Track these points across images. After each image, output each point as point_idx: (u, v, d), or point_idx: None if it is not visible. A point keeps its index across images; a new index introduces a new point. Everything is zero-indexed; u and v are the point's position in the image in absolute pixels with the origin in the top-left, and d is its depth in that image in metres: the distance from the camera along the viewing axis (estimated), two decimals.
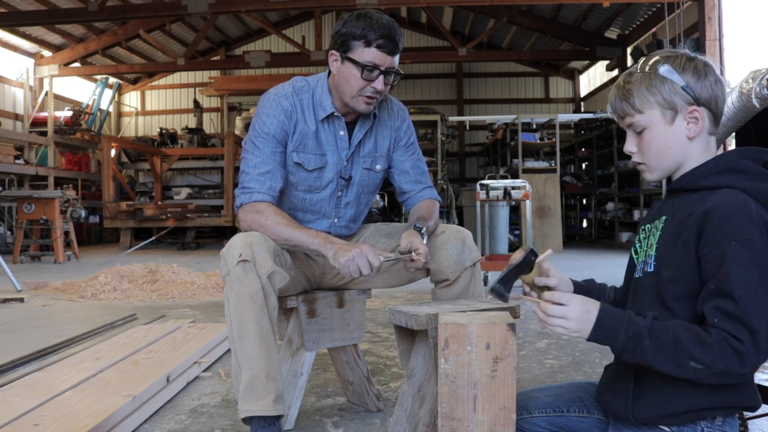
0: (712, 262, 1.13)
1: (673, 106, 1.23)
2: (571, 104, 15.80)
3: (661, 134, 1.25)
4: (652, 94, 1.24)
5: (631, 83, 1.26)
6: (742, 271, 1.09)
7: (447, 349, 1.25)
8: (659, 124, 1.24)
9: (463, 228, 1.97)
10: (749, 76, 2.21)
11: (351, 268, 1.72)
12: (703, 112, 1.23)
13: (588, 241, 12.54)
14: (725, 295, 1.10)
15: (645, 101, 1.24)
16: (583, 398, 1.37)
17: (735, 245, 1.11)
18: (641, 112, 1.25)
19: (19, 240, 8.60)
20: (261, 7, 10.47)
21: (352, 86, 1.87)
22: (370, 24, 1.82)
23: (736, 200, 1.15)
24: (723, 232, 1.13)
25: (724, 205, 1.15)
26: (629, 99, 1.26)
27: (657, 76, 1.24)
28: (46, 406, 1.98)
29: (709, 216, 1.15)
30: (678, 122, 1.24)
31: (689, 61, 1.24)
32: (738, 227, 1.12)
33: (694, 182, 1.23)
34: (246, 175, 1.92)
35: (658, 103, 1.24)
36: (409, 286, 2.32)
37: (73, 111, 12.81)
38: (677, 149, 1.25)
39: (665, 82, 1.23)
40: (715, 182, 1.21)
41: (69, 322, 4.00)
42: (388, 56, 1.84)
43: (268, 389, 1.71)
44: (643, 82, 1.25)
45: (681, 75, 1.23)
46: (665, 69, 1.24)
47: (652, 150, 1.26)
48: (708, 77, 1.23)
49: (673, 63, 1.24)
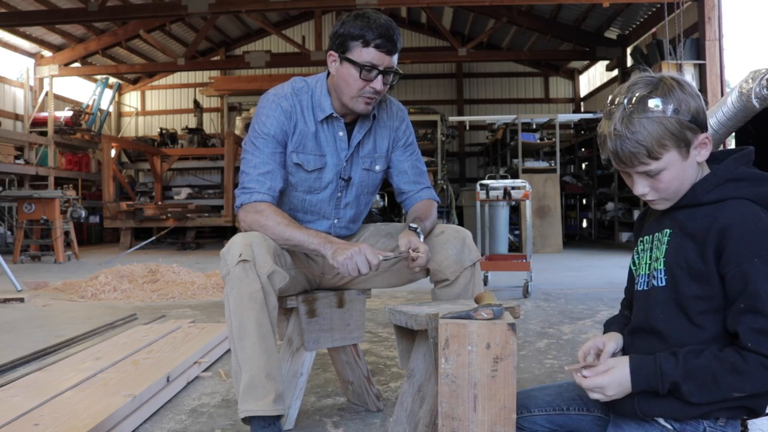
0: (736, 281, 1.14)
1: (686, 141, 1.20)
2: (571, 104, 15.79)
3: (680, 170, 1.22)
4: (665, 137, 1.18)
5: (635, 131, 1.18)
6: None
7: (447, 349, 1.25)
8: (677, 162, 1.21)
9: (462, 228, 1.97)
10: (749, 76, 2.22)
11: (349, 266, 1.72)
12: (706, 132, 1.23)
13: (588, 241, 12.53)
14: (757, 313, 1.11)
15: (661, 146, 1.19)
16: (583, 396, 1.37)
17: (757, 262, 1.12)
18: (658, 159, 1.20)
19: (20, 240, 8.60)
20: (261, 7, 10.47)
21: (351, 87, 1.87)
22: (367, 24, 1.82)
23: (749, 214, 1.16)
24: (744, 250, 1.14)
25: (739, 221, 1.15)
26: (640, 149, 1.19)
27: (663, 117, 1.18)
28: (46, 406, 1.98)
29: (727, 234, 1.16)
30: (691, 152, 1.22)
31: (672, 87, 1.20)
32: (757, 243, 1.13)
33: (697, 198, 1.23)
34: (246, 176, 1.92)
35: (674, 145, 1.20)
36: (409, 286, 2.32)
37: (74, 111, 12.80)
38: (692, 178, 1.24)
39: (671, 121, 1.18)
40: (718, 195, 1.21)
41: (69, 322, 4.00)
42: (386, 56, 1.84)
43: (268, 389, 1.71)
44: (650, 128, 1.18)
45: (680, 106, 1.19)
46: (668, 107, 1.19)
47: (671, 188, 1.23)
48: (693, 96, 1.21)
49: (667, 97, 1.19)
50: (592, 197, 12.51)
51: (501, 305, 1.32)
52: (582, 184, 12.81)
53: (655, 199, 1.26)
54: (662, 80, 1.21)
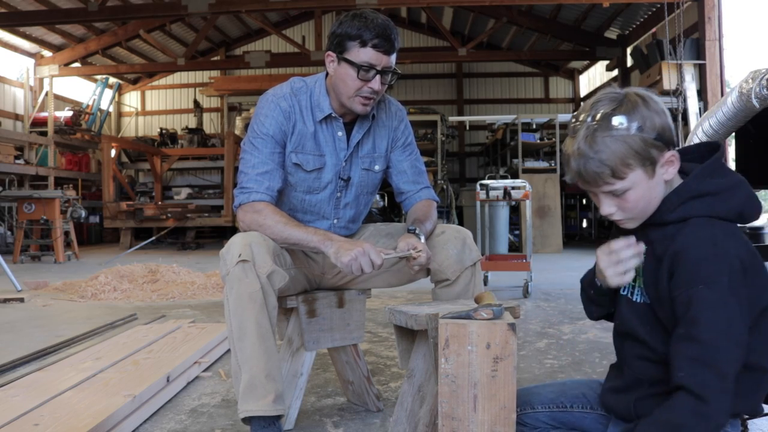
0: (681, 305, 1.13)
1: (652, 159, 1.18)
2: (571, 104, 15.79)
3: (646, 190, 1.19)
4: (629, 156, 1.16)
5: (599, 150, 1.16)
6: (710, 314, 1.09)
7: (447, 349, 1.25)
8: (643, 181, 1.19)
9: (463, 228, 1.97)
10: (749, 76, 2.21)
11: (354, 267, 1.72)
12: (673, 150, 1.20)
13: (588, 241, 12.53)
14: (692, 340, 1.09)
15: (625, 165, 1.16)
16: (586, 394, 1.37)
17: (702, 288, 1.10)
18: (622, 178, 1.18)
19: (20, 240, 8.60)
20: (261, 7, 10.46)
21: (349, 87, 1.87)
22: (365, 24, 1.81)
23: (704, 238, 1.14)
24: (691, 275, 1.12)
25: (692, 246, 1.14)
26: (603, 168, 1.17)
27: (627, 136, 1.15)
28: (46, 406, 1.98)
29: (678, 258, 1.14)
30: (657, 172, 1.19)
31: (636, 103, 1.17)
32: (705, 269, 1.11)
33: (662, 218, 1.21)
34: (244, 176, 1.92)
35: (639, 164, 1.17)
36: (409, 286, 2.32)
37: (74, 111, 12.79)
38: (660, 195, 1.22)
39: (635, 140, 1.15)
40: (681, 214, 1.19)
41: (69, 322, 4.00)
42: (384, 56, 1.83)
43: (268, 389, 1.71)
44: (613, 147, 1.16)
45: (643, 122, 1.16)
46: (632, 124, 1.16)
47: (638, 207, 1.21)
48: (659, 112, 1.18)
49: (631, 114, 1.16)
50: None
51: (501, 305, 1.31)
52: None
53: (622, 219, 1.24)
54: (627, 96, 1.18)
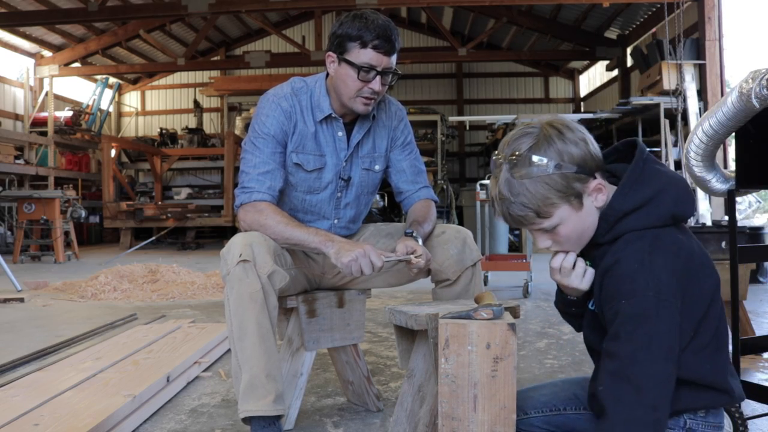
0: (608, 320, 1.15)
1: (575, 193, 1.16)
2: (571, 104, 15.78)
3: (577, 222, 1.19)
4: (550, 195, 1.15)
5: (518, 193, 1.15)
6: (630, 328, 1.09)
7: (447, 349, 1.25)
8: (571, 215, 1.18)
9: (463, 228, 1.97)
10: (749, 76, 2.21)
11: (354, 268, 1.72)
12: (599, 176, 1.19)
13: None
14: (612, 355, 1.11)
15: (548, 205, 1.15)
16: (578, 395, 1.37)
17: (624, 303, 1.11)
18: (549, 217, 1.17)
19: (20, 240, 8.60)
20: (261, 7, 10.46)
21: (350, 87, 1.87)
22: (365, 25, 1.81)
23: (629, 254, 1.14)
24: (616, 290, 1.13)
25: (619, 261, 1.14)
26: (527, 211, 1.16)
27: (545, 175, 1.14)
28: (46, 406, 1.98)
29: (607, 273, 1.16)
30: (586, 202, 1.19)
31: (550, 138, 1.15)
32: (629, 284, 1.11)
33: (596, 240, 1.22)
34: (246, 175, 1.92)
35: (562, 200, 1.16)
36: (409, 286, 2.32)
37: (74, 111, 12.80)
38: (593, 222, 1.21)
39: (555, 177, 1.14)
40: (613, 235, 1.19)
41: (69, 322, 4.00)
42: (384, 57, 1.83)
43: (269, 389, 1.71)
44: (532, 186, 1.14)
45: (560, 157, 1.14)
46: (544, 161, 1.14)
47: (572, 239, 1.21)
48: (577, 142, 1.16)
49: (546, 150, 1.14)
50: None
51: (501, 305, 1.31)
52: None
53: (560, 250, 1.24)
54: (542, 131, 1.16)
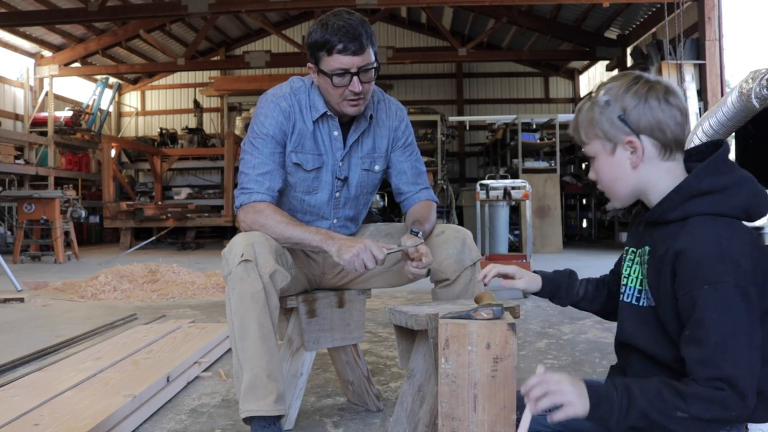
0: (686, 307, 1.11)
1: (611, 138, 1.21)
2: (571, 104, 15.77)
3: (606, 165, 1.24)
4: (592, 125, 1.23)
5: (580, 113, 1.26)
6: (715, 315, 1.07)
7: (447, 349, 1.25)
8: (602, 155, 1.24)
9: (463, 228, 1.97)
10: (749, 76, 2.21)
11: (356, 264, 1.72)
12: (644, 140, 1.19)
13: (588, 241, 12.53)
14: (698, 342, 1.08)
15: (588, 133, 1.25)
16: None
17: (707, 289, 1.08)
18: (587, 143, 1.25)
19: (20, 240, 8.60)
20: (261, 7, 10.47)
21: (332, 95, 1.87)
22: (327, 31, 1.78)
23: (707, 236, 1.12)
24: (694, 276, 1.10)
25: (695, 246, 1.12)
26: (578, 130, 1.27)
27: (597, 106, 1.23)
28: (46, 406, 1.98)
29: (680, 258, 1.12)
30: (619, 153, 1.21)
31: (630, 86, 1.20)
32: (709, 269, 1.09)
33: (663, 216, 1.20)
34: (245, 176, 1.92)
35: (597, 135, 1.23)
36: (409, 286, 2.32)
37: (74, 111, 12.79)
38: (626, 179, 1.23)
39: (603, 112, 1.21)
40: (682, 213, 1.17)
41: (69, 322, 4.00)
42: (354, 57, 1.79)
43: (269, 389, 1.71)
44: (588, 113, 1.24)
45: (618, 103, 1.20)
46: (604, 98, 1.22)
47: (601, 180, 1.27)
48: (649, 102, 1.18)
49: (612, 91, 1.21)
50: (592, 197, 12.51)
51: (501, 305, 1.31)
52: (582, 184, 12.81)
53: (601, 190, 1.30)
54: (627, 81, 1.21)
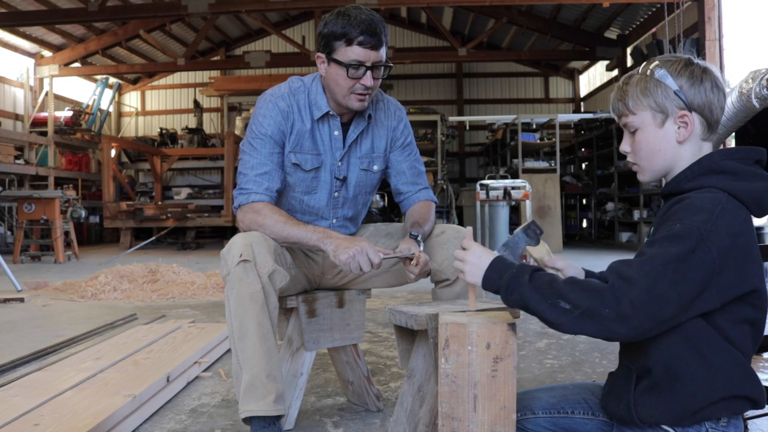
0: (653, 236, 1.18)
1: (664, 110, 1.26)
2: (571, 104, 15.80)
3: (651, 136, 1.28)
4: (645, 96, 1.27)
5: (628, 85, 1.30)
6: (666, 244, 1.12)
7: (447, 349, 1.25)
8: (650, 125, 1.28)
9: (463, 228, 1.97)
10: (749, 76, 2.21)
11: (352, 265, 1.73)
12: (695, 117, 1.25)
13: (588, 241, 12.53)
14: (638, 256, 1.16)
15: (638, 103, 1.28)
16: (588, 400, 1.35)
17: (678, 225, 1.14)
18: (634, 113, 1.29)
19: (20, 240, 8.60)
20: (261, 7, 10.47)
21: (341, 86, 1.87)
22: (349, 21, 1.80)
23: (707, 198, 1.17)
24: (675, 215, 1.17)
25: (692, 199, 1.18)
26: (625, 100, 1.30)
27: (652, 79, 1.27)
28: (46, 406, 1.98)
29: (675, 206, 1.19)
30: (668, 126, 1.26)
31: (686, 66, 1.26)
32: (691, 214, 1.15)
33: (679, 186, 1.25)
34: (243, 177, 1.92)
35: (650, 105, 1.27)
36: (409, 286, 2.33)
37: (74, 111, 12.80)
38: (666, 152, 1.27)
39: (659, 86, 1.26)
40: (698, 184, 1.22)
41: (69, 322, 4.00)
42: (372, 51, 1.83)
43: (269, 389, 1.71)
44: (639, 84, 1.28)
45: (675, 79, 1.25)
46: (661, 73, 1.26)
47: (642, 151, 1.30)
48: (704, 83, 1.25)
49: (669, 67, 1.26)
50: (592, 197, 12.51)
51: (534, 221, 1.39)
52: (582, 184, 12.82)
53: (634, 162, 1.32)
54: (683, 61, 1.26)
